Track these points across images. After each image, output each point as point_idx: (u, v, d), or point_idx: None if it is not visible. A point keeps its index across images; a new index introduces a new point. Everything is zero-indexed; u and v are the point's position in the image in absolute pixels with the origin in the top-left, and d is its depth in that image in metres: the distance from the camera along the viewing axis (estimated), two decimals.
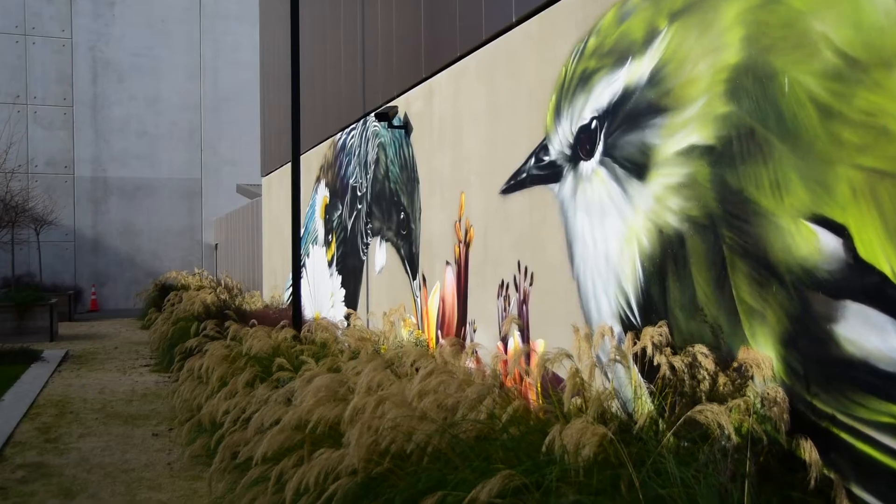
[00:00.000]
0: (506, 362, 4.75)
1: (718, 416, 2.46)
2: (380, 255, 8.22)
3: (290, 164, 12.62)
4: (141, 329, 17.02)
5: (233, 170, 24.88)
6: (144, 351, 13.26)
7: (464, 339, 6.20)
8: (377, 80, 8.24)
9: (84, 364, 11.77)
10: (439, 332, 6.68)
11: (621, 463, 2.56)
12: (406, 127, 7.40)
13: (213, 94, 25.01)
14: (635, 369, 3.95)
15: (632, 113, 4.08)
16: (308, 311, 11.18)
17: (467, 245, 6.11)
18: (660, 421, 3.46)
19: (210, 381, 5.62)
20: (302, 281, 11.78)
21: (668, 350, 3.65)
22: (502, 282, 5.54)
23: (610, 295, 4.27)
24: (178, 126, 24.58)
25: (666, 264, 3.81)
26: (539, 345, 5.06)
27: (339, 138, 9.77)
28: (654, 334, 3.36)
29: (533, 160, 5.10)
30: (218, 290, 13.81)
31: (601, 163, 4.34)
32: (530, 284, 5.14)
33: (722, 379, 3.25)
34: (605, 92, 4.31)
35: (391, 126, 7.50)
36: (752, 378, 2.94)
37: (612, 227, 4.24)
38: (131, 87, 24.13)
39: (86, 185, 23.63)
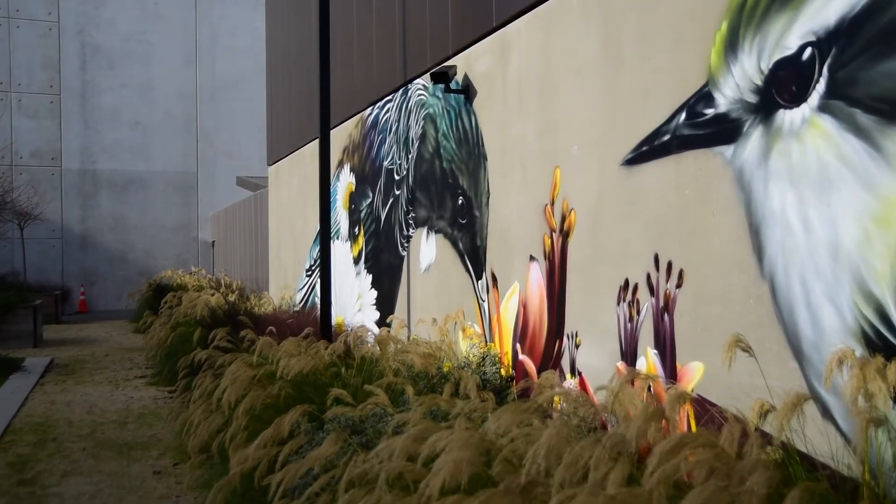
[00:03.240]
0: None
1: None
2: (427, 249, 6.83)
3: (303, 148, 11.22)
4: (134, 333, 15.58)
5: (231, 163, 23.42)
6: (139, 359, 11.83)
7: (559, 356, 4.82)
8: (423, 37, 6.85)
9: (71, 375, 10.34)
10: (518, 345, 5.30)
11: None
12: (467, 91, 6.01)
13: (210, 82, 23.55)
14: None
15: (892, 27, 2.71)
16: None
17: (565, 235, 4.73)
18: None
19: (235, 413, 4.22)
20: (319, 281, 10.36)
21: None
22: (626, 282, 4.17)
23: (841, 303, 2.89)
24: (173, 116, 23.11)
25: None
26: (693, 370, 3.68)
27: (369, 114, 8.37)
28: None
29: (684, 115, 3.72)
30: (222, 291, 12.39)
31: (823, 109, 2.97)
32: (677, 286, 3.76)
33: None
34: (830, 4, 2.94)
35: (448, 91, 6.11)
36: None
37: (847, 203, 2.86)
38: (123, 74, 22.64)
39: (74, 177, 22.14)
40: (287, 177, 12.45)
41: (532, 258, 5.11)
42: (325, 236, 6.82)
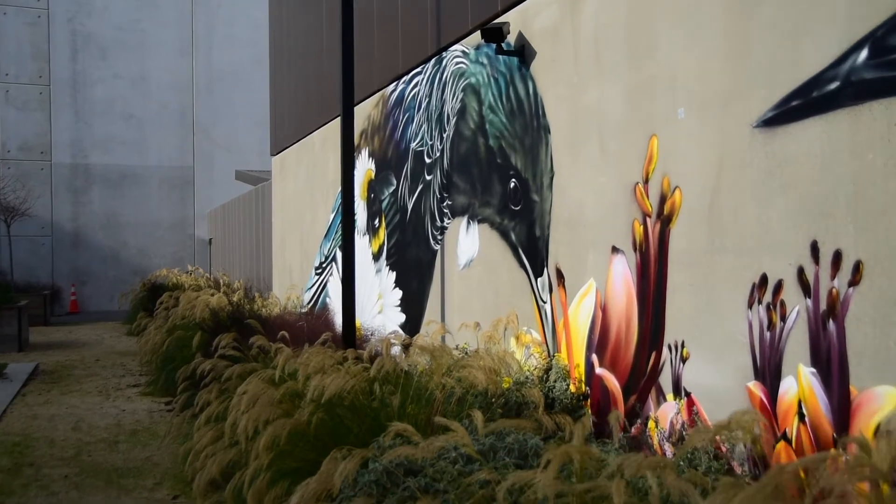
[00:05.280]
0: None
1: None
2: (467, 242, 5.88)
3: (312, 134, 10.24)
4: (127, 335, 14.59)
5: (228, 157, 22.42)
6: (132, 365, 10.84)
7: (654, 371, 3.87)
8: None
9: (57, 383, 9.35)
10: (595, 356, 4.34)
11: None
12: (522, 53, 5.06)
13: (207, 73, 22.54)
14: None
15: None
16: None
17: (665, 219, 3.78)
18: None
19: (255, 446, 3.27)
20: (331, 280, 9.41)
21: None
22: (762, 278, 3.22)
23: None
24: (168, 108, 22.10)
25: None
26: (878, 398, 2.74)
27: (393, 90, 7.41)
28: None
29: (865, 53, 2.77)
30: (223, 291, 11.41)
31: None
32: (851, 284, 2.82)
33: None
34: None
35: (500, 52, 5.15)
36: None
37: None
38: (116, 64, 21.63)
39: (65, 172, 21.11)
40: (294, 167, 11.48)
41: (615, 249, 4.16)
42: (347, 228, 5.87)
